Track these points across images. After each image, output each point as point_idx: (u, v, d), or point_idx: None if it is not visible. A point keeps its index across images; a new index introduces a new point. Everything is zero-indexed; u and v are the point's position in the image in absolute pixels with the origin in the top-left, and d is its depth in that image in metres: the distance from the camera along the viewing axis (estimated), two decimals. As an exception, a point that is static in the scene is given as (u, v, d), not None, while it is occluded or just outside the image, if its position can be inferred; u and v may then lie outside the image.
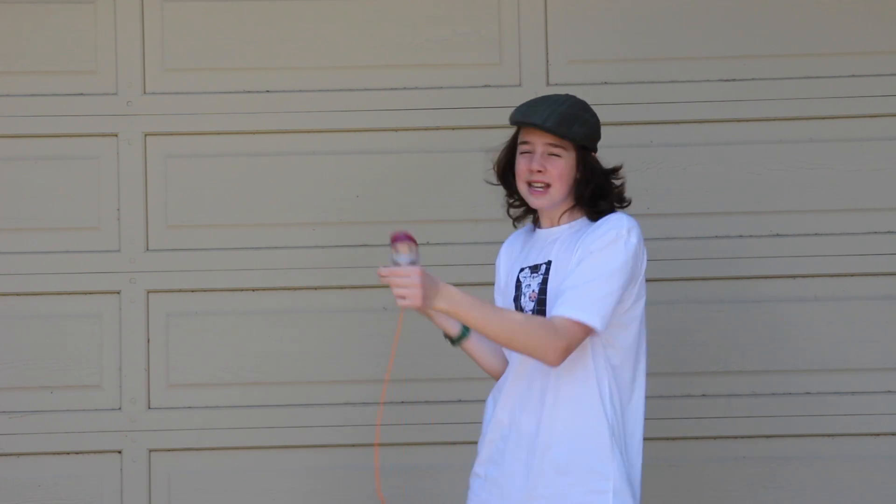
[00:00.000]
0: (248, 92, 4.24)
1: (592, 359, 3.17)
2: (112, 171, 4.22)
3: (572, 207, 3.26)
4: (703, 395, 4.17)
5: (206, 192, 4.23)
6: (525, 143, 3.27)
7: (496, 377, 3.37)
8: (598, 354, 3.17)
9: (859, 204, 4.19)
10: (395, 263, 3.05)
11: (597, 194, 3.24)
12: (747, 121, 4.22)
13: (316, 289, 4.20)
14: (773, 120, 4.22)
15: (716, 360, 4.17)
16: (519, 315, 3.11)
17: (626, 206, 3.29)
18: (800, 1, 4.25)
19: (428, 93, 4.23)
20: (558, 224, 3.28)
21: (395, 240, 3.08)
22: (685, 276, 4.17)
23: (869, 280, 4.17)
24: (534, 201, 3.26)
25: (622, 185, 3.30)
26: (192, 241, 4.21)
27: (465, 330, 3.33)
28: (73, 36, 4.24)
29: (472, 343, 3.35)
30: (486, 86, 4.24)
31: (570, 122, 3.22)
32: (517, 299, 3.28)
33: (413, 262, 3.04)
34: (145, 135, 4.22)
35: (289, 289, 4.20)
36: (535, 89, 4.20)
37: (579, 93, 4.19)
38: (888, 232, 4.19)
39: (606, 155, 3.69)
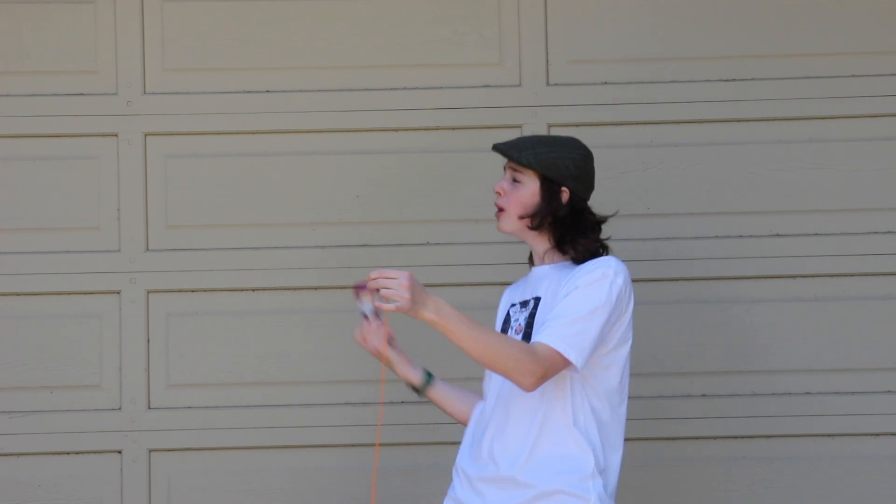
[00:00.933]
0: (248, 92, 4.24)
1: (571, 398, 3.17)
2: (112, 171, 4.22)
3: (553, 248, 3.28)
4: (703, 395, 4.17)
5: (206, 192, 4.22)
6: (504, 170, 3.34)
7: (464, 423, 3.42)
8: (577, 393, 3.17)
9: (859, 204, 4.19)
10: (363, 314, 3.23)
11: (557, 230, 3.25)
12: (747, 121, 4.21)
13: (316, 289, 4.19)
14: (773, 120, 4.21)
15: (716, 360, 4.17)
16: (501, 336, 3.12)
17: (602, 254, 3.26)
18: (800, 1, 4.24)
19: (428, 93, 4.23)
20: (544, 263, 3.30)
21: (360, 288, 3.14)
22: (685, 276, 4.17)
23: (869, 280, 4.17)
24: (497, 224, 3.31)
25: (596, 233, 3.28)
26: (192, 241, 4.21)
27: (429, 377, 3.43)
28: (73, 36, 4.24)
29: (437, 391, 3.44)
30: (486, 86, 4.24)
31: (522, 148, 3.26)
32: (503, 332, 3.31)
33: (376, 310, 3.18)
34: (145, 135, 4.22)
35: (289, 289, 4.19)
36: (535, 89, 4.20)
37: (579, 93, 4.22)
38: (888, 232, 4.18)
39: (607, 155, 3.69)
